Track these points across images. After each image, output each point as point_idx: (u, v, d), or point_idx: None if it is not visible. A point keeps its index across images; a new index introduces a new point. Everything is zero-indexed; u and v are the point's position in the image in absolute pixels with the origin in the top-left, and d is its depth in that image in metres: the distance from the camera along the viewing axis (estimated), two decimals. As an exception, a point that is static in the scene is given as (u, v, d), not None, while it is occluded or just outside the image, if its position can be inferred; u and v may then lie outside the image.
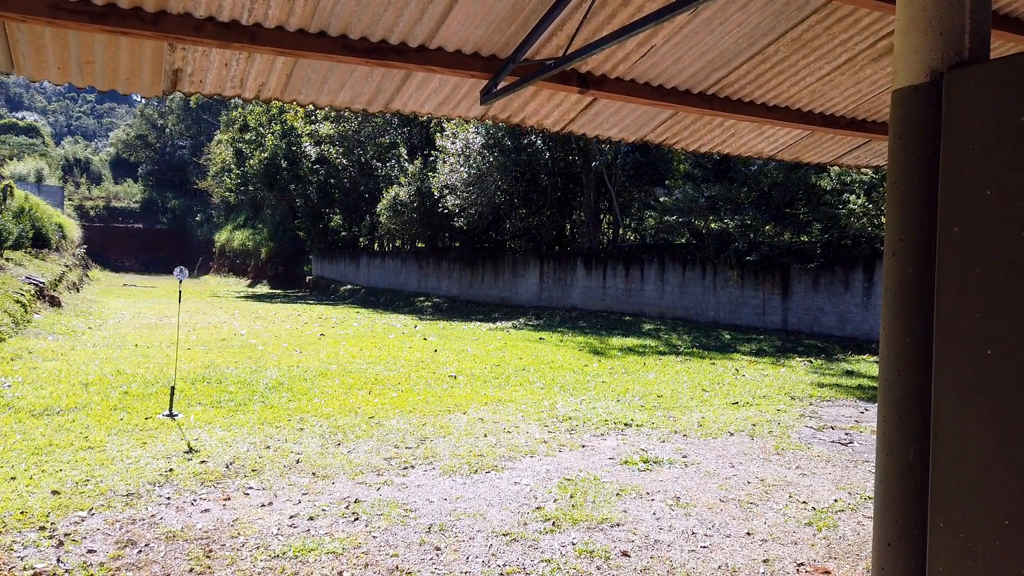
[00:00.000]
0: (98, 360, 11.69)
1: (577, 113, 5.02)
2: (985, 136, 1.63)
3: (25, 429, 7.14)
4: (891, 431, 1.85)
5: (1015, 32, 3.88)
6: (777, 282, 18.76)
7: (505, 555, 4.65)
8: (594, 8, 3.79)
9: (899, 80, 1.84)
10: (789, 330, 18.15)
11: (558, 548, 4.78)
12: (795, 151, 5.97)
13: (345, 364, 12.32)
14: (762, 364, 13.65)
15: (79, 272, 32.44)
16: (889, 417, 1.86)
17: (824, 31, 4.17)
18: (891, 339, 1.86)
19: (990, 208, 1.61)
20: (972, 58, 1.75)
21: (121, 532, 4.76)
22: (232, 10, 3.58)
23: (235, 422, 7.85)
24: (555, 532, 5.04)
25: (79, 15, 3.36)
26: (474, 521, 5.21)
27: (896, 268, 1.83)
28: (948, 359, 1.70)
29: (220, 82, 4.23)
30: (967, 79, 1.69)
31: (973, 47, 1.76)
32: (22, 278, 18.72)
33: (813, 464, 6.92)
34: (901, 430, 1.83)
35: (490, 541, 4.86)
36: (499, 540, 4.88)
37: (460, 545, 4.78)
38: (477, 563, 4.53)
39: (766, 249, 18.86)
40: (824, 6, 3.87)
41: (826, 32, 4.17)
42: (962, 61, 1.75)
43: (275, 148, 37.38)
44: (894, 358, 1.85)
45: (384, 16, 3.75)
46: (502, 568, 4.45)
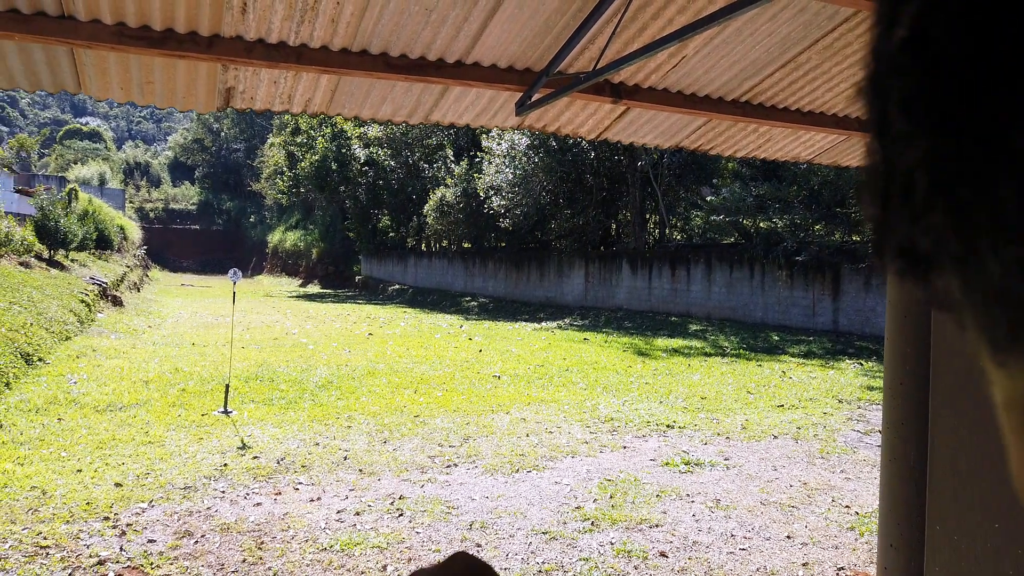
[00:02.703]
0: (157, 358, 12.20)
1: (612, 122, 5.13)
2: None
3: (90, 424, 7.55)
4: (893, 438, 1.94)
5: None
6: (827, 282, 18.46)
7: (544, 553, 4.77)
8: (624, 22, 3.91)
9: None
10: (840, 331, 17.85)
11: (596, 547, 4.88)
12: (833, 155, 5.97)
13: (392, 363, 12.60)
14: (811, 366, 13.49)
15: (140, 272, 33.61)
16: (892, 424, 1.95)
17: (856, 39, 4.20)
18: (893, 350, 1.94)
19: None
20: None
21: (179, 523, 5.04)
22: (280, 33, 3.80)
23: (286, 419, 8.15)
24: (594, 531, 5.15)
25: (140, 40, 3.62)
26: (514, 519, 5.35)
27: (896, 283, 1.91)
28: (944, 369, 1.78)
29: (269, 98, 4.47)
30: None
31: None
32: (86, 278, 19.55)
33: (858, 468, 6.87)
34: (903, 437, 1.91)
35: (530, 539, 4.99)
36: (538, 538, 5.01)
37: (500, 542, 4.92)
38: (516, 560, 4.67)
39: (816, 249, 18.58)
40: (854, 15, 3.91)
41: (858, 40, 4.20)
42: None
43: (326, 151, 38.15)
44: (896, 368, 1.93)
45: (422, 35, 3.93)
46: (541, 566, 4.58)
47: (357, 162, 37.87)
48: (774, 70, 4.54)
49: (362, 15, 3.72)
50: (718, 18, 3.45)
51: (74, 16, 3.48)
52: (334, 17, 3.71)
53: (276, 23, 3.72)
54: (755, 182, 20.77)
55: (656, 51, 3.78)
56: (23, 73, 3.97)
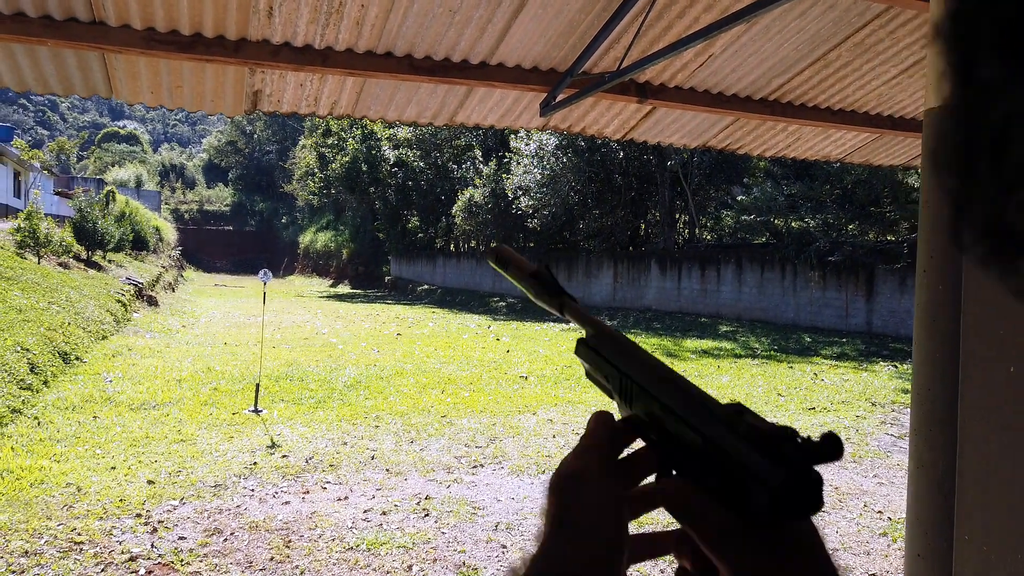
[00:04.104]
0: (191, 357, 12.39)
1: (637, 121, 5.09)
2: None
3: (124, 422, 7.69)
4: (921, 444, 1.89)
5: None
6: (861, 283, 18.15)
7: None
8: (649, 21, 3.87)
9: (930, 99, 1.88)
10: (874, 333, 17.54)
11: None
12: (864, 154, 5.86)
13: (420, 363, 12.65)
14: (843, 368, 13.27)
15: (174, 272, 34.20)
16: (919, 430, 1.90)
17: (888, 35, 4.12)
18: (922, 354, 1.89)
19: (1014, 228, 1.64)
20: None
21: (209, 521, 5.11)
22: (305, 36, 3.83)
23: (315, 419, 8.23)
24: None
25: (169, 45, 3.68)
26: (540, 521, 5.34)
27: (927, 285, 1.87)
28: (973, 375, 1.73)
29: (296, 101, 4.51)
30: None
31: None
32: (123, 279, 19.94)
33: (891, 473, 6.74)
34: (930, 444, 1.87)
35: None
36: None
37: (526, 544, 4.90)
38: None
39: (849, 249, 18.27)
40: (885, 11, 3.83)
41: (890, 36, 4.12)
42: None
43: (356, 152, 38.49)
44: (925, 373, 1.88)
45: (446, 36, 3.94)
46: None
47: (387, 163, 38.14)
48: (803, 68, 4.47)
49: (387, 17, 3.74)
50: (745, 15, 3.41)
51: (104, 22, 3.54)
52: (359, 20, 3.73)
53: (302, 26, 3.76)
54: (787, 181, 20.48)
55: (682, 50, 3.74)
56: (56, 78, 4.06)
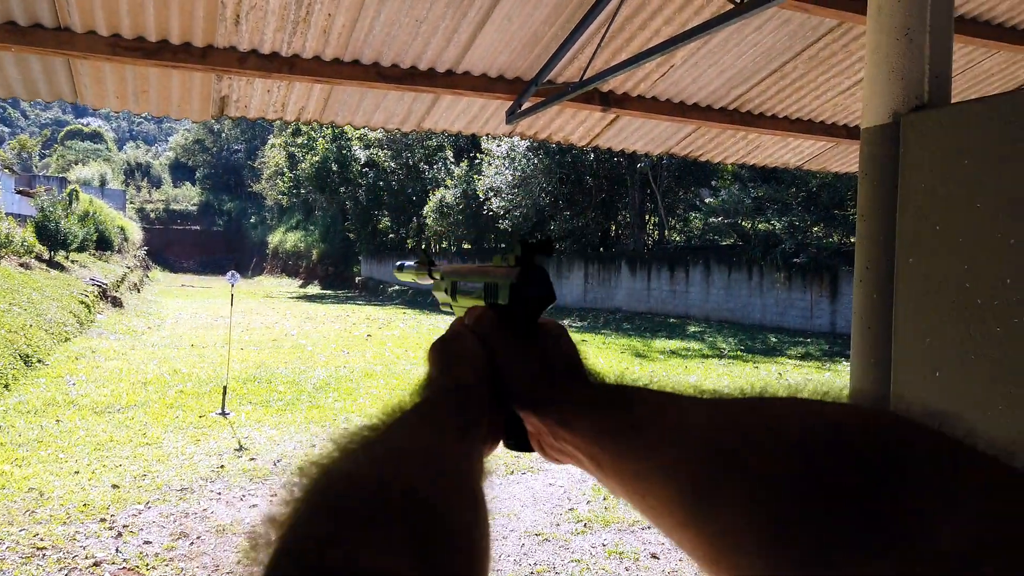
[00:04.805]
0: (156, 359, 12.26)
1: (602, 129, 5.19)
2: (934, 176, 1.77)
3: (88, 426, 7.61)
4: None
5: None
6: (826, 284, 18.52)
7: (536, 554, 4.83)
8: (612, 33, 3.97)
9: (866, 120, 1.99)
10: (837, 333, 17.90)
11: (588, 549, 4.94)
12: (822, 161, 6.03)
13: (390, 365, 12.66)
14: (808, 368, 13.55)
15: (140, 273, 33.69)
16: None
17: (841, 48, 4.27)
18: (858, 359, 2.00)
19: (939, 242, 1.76)
20: (931, 102, 1.89)
21: (175, 525, 5.10)
22: (273, 43, 3.87)
23: (283, 421, 8.21)
24: (586, 533, 5.20)
25: (135, 52, 3.69)
26: (508, 521, 5.40)
27: (863, 294, 1.98)
28: (903, 379, 1.84)
29: (263, 107, 4.54)
30: (920, 122, 1.83)
31: (932, 91, 1.90)
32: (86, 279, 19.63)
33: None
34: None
35: (523, 541, 5.05)
36: (531, 540, 5.06)
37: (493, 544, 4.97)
38: (509, 561, 4.72)
39: (814, 251, 18.64)
40: (838, 26, 3.98)
41: (843, 49, 4.27)
42: (921, 105, 1.89)
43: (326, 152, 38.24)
44: (860, 377, 1.99)
45: (413, 45, 4.00)
46: (533, 567, 4.64)
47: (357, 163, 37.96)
48: (761, 79, 4.60)
49: (353, 26, 3.79)
50: (704, 30, 3.51)
51: (70, 28, 3.55)
52: (326, 28, 3.78)
53: (269, 34, 3.79)
54: (754, 184, 20.83)
55: (644, 61, 3.84)
56: (21, 83, 4.04)
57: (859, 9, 3.42)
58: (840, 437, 0.36)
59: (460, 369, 0.63)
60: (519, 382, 0.62)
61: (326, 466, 0.40)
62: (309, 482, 0.38)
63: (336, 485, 0.38)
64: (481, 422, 0.58)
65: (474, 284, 0.77)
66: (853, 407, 0.39)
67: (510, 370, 0.63)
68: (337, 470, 0.40)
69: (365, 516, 0.35)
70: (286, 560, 0.33)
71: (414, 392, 0.58)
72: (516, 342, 0.65)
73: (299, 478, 0.39)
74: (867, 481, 0.33)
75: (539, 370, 0.62)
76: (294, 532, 0.34)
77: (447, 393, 0.59)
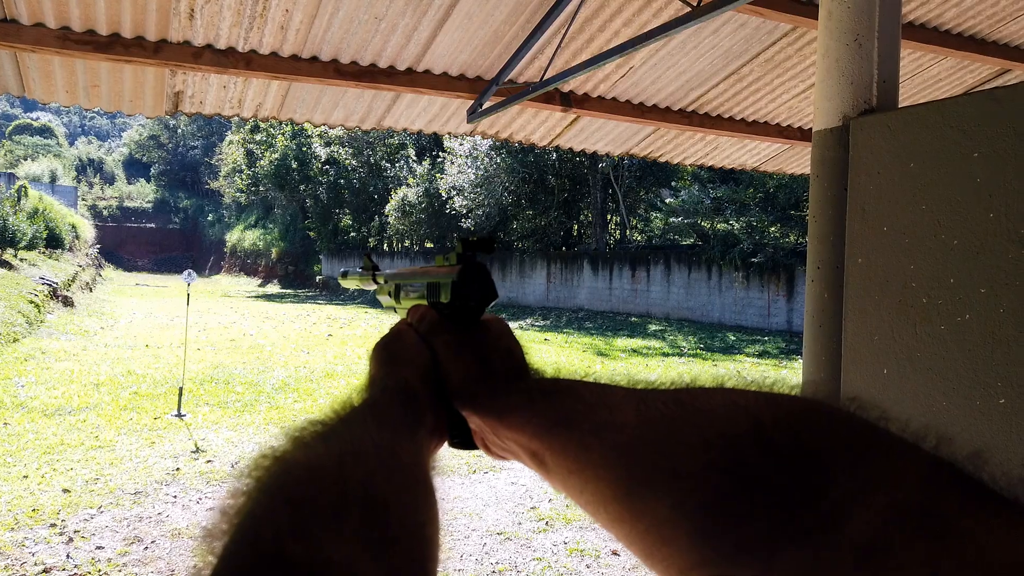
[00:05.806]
0: (109, 360, 11.98)
1: (563, 129, 5.22)
2: (882, 178, 1.82)
3: (37, 429, 7.41)
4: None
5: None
6: (782, 283, 18.87)
7: (498, 553, 4.83)
8: (571, 34, 3.99)
9: (817, 123, 2.03)
10: (794, 331, 18.25)
11: (550, 547, 4.96)
12: (778, 163, 6.15)
13: (351, 365, 12.55)
14: (765, 365, 13.78)
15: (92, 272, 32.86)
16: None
17: (796, 52, 4.35)
18: (809, 356, 2.05)
19: (886, 243, 1.81)
20: (879, 106, 1.94)
21: (129, 529, 4.99)
22: (229, 39, 3.81)
23: (241, 422, 8.09)
24: (548, 531, 5.22)
25: (85, 45, 3.60)
26: (470, 520, 5.40)
27: (814, 293, 2.02)
28: (853, 376, 1.89)
29: (219, 103, 4.46)
30: (868, 126, 1.88)
31: (880, 96, 1.95)
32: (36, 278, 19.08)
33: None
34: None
35: (484, 540, 5.05)
36: (493, 539, 5.06)
37: (456, 543, 4.96)
38: (471, 561, 4.72)
39: (771, 251, 18.97)
40: (792, 30, 4.05)
41: (798, 53, 4.35)
42: (869, 109, 1.94)
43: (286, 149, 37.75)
44: (811, 373, 2.04)
45: (372, 42, 3.97)
46: (495, 566, 4.64)
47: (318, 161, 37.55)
48: (718, 81, 4.67)
49: (311, 22, 3.75)
50: (663, 32, 3.55)
51: (16, 20, 3.45)
52: (283, 24, 3.73)
53: (225, 29, 3.73)
54: (713, 185, 21.13)
55: (604, 62, 3.87)
56: (-36, 75, 3.92)
57: (812, 14, 3.49)
58: (758, 429, 0.37)
59: (403, 369, 0.63)
60: (458, 380, 0.63)
61: (282, 458, 0.40)
62: (265, 473, 0.38)
63: (295, 476, 0.38)
64: (426, 421, 0.58)
65: (417, 284, 0.79)
66: (772, 397, 0.40)
67: (450, 368, 0.64)
68: (295, 462, 0.40)
69: (325, 508, 0.35)
70: (245, 549, 0.32)
71: (358, 392, 0.58)
72: (456, 340, 0.65)
73: (253, 469, 0.38)
74: (784, 471, 0.34)
75: (478, 367, 0.63)
76: (253, 521, 0.34)
77: (392, 393, 0.59)
